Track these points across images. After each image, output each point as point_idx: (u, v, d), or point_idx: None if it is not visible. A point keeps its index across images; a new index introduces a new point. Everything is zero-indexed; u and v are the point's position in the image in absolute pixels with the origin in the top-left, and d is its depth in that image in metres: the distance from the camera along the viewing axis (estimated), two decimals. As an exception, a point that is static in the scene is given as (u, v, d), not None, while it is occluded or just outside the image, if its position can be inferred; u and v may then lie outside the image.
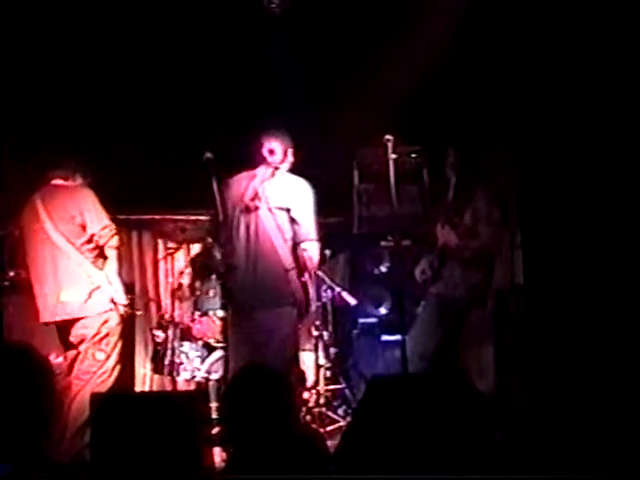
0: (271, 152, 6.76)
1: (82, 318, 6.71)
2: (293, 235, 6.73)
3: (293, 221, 6.71)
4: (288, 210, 6.71)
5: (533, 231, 7.85)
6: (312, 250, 6.78)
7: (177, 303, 8.17)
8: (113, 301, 6.76)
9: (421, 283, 7.00)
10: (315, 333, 8.27)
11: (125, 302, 6.85)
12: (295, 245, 6.75)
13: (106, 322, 6.74)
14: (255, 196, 6.70)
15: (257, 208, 6.69)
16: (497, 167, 8.22)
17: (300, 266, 6.77)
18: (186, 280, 8.21)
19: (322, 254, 8.59)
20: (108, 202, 6.90)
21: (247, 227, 6.61)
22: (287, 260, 6.68)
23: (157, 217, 9.11)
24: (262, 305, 6.58)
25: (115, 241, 6.81)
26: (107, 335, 6.74)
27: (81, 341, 6.73)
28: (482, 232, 6.92)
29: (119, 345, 6.82)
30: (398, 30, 7.99)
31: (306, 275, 6.86)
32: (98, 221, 6.75)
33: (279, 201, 6.72)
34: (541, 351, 7.20)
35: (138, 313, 7.51)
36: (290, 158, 6.84)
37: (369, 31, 7.96)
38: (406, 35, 8.07)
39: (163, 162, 8.48)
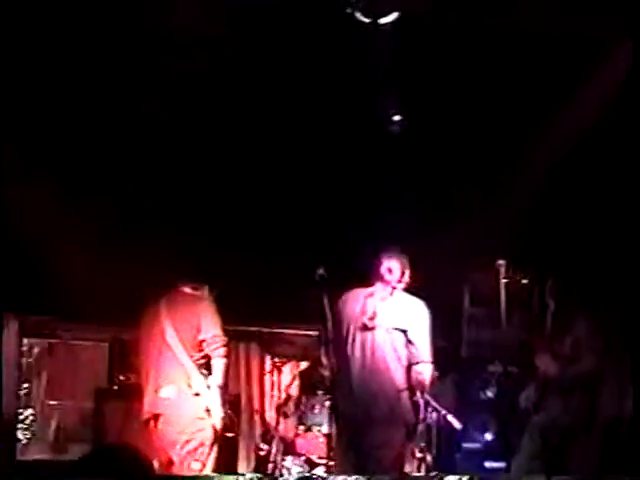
0: (390, 271, 6.85)
1: (177, 418, 6.77)
2: (408, 356, 6.76)
3: (409, 342, 6.76)
4: (405, 331, 6.77)
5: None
6: (425, 372, 6.81)
7: (282, 417, 8.17)
8: (208, 409, 6.81)
9: (524, 411, 6.88)
10: (419, 455, 8.17)
11: (222, 414, 6.88)
12: (409, 366, 6.77)
13: (200, 430, 6.79)
14: (374, 315, 6.76)
15: (374, 327, 6.75)
16: (600, 295, 8.15)
17: (412, 387, 6.78)
18: (293, 394, 8.23)
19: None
20: (222, 313, 7.03)
21: (363, 345, 6.65)
22: (400, 380, 6.73)
23: (265, 330, 9.19)
24: (373, 423, 6.57)
25: (222, 351, 6.90)
26: (201, 445, 6.78)
27: (173, 445, 6.76)
28: (583, 360, 6.78)
29: (214, 455, 6.84)
30: (513, 157, 8.03)
31: (418, 396, 6.85)
32: (212, 329, 6.88)
33: (396, 322, 6.78)
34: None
35: (229, 435, 7.46)
36: (407, 279, 6.91)
37: (480, 158, 8.02)
38: (521, 161, 8.12)
39: (276, 275, 8.58)
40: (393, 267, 6.86)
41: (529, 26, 7.04)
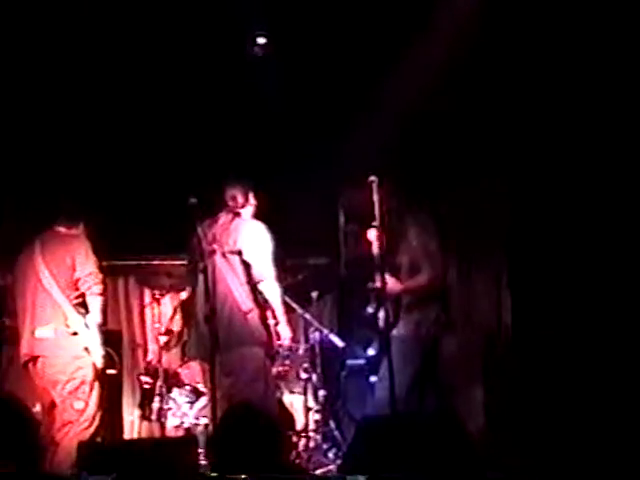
0: (233, 198, 6.98)
1: (55, 359, 6.70)
2: (247, 277, 6.82)
3: (245, 263, 6.83)
4: (239, 253, 6.83)
5: (521, 271, 7.88)
6: (269, 290, 6.88)
7: (165, 349, 8.12)
8: (87, 348, 6.75)
9: (384, 327, 6.84)
10: (304, 376, 8.23)
11: (102, 352, 6.82)
12: (253, 286, 6.82)
13: (80, 369, 6.74)
14: (213, 241, 6.80)
15: (214, 252, 6.76)
16: (485, 199, 8.26)
17: (260, 306, 6.83)
18: (175, 326, 8.18)
19: (309, 296, 8.64)
20: (97, 249, 6.94)
21: (205, 272, 6.59)
22: (245, 302, 6.76)
23: (143, 263, 9.11)
24: (226, 348, 6.60)
25: (98, 289, 6.82)
26: (82, 383, 6.73)
27: (54, 386, 6.71)
28: (423, 267, 6.77)
29: (96, 393, 6.78)
30: (379, 73, 8.03)
31: (269, 315, 6.92)
32: (86, 267, 6.78)
33: (231, 245, 6.85)
34: (531, 391, 7.19)
35: (110, 372, 7.38)
36: (252, 202, 7.03)
37: (351, 74, 8.00)
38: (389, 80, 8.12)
39: (148, 208, 8.49)
40: (236, 194, 6.97)
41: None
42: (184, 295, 8.48)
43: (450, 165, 8.15)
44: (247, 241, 6.88)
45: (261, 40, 7.90)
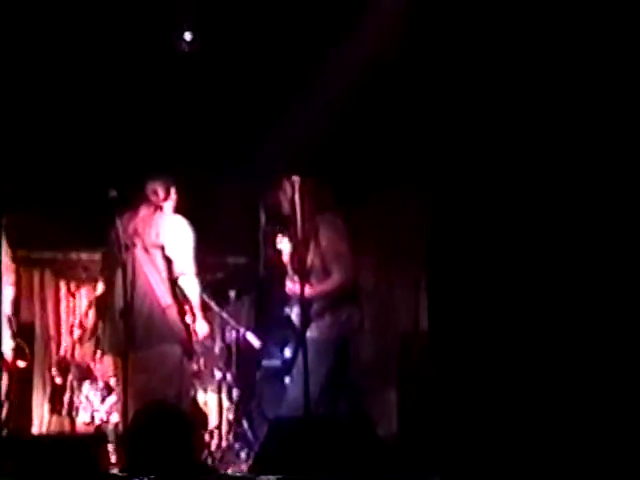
0: (154, 192, 6.88)
1: None
2: (168, 272, 6.75)
3: (167, 258, 6.77)
4: (162, 248, 6.77)
5: (439, 275, 7.92)
6: (189, 285, 6.81)
7: (78, 343, 8.03)
8: None
9: (299, 327, 6.83)
10: (218, 374, 8.19)
11: (12, 344, 6.71)
12: (173, 282, 6.76)
13: None
14: (134, 234, 6.73)
15: (134, 246, 6.70)
16: (401, 207, 8.31)
17: (179, 302, 6.77)
18: (90, 320, 8.08)
19: (226, 294, 8.59)
20: (12, 240, 6.82)
21: (125, 266, 6.52)
22: (164, 297, 6.69)
23: (59, 255, 8.99)
24: (143, 344, 6.53)
25: (9, 279, 6.71)
26: None
27: None
28: (334, 270, 6.74)
29: (3, 385, 6.66)
30: (304, 72, 8.03)
31: (187, 310, 6.85)
32: (-2, 258, 6.67)
33: (153, 239, 6.78)
34: (445, 396, 7.22)
35: (21, 365, 7.25)
36: (173, 197, 6.95)
37: (274, 73, 7.99)
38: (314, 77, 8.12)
39: (66, 199, 8.39)
40: (157, 188, 6.87)
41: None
42: (100, 289, 8.41)
43: (370, 169, 8.18)
44: (169, 236, 6.80)
45: (188, 36, 7.84)
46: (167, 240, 6.78)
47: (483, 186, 7.33)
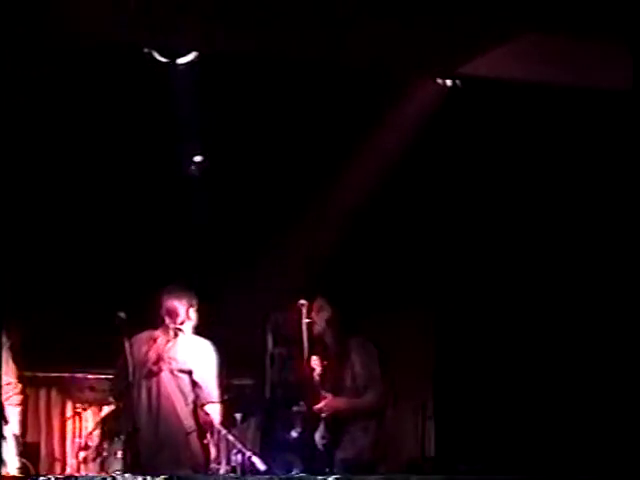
0: (171, 312, 6.78)
1: None
2: (195, 397, 6.74)
3: (195, 383, 6.75)
4: (190, 373, 6.74)
5: (446, 402, 7.92)
6: (214, 412, 6.81)
7: (82, 464, 7.97)
8: (1, 459, 6.59)
9: (322, 449, 6.83)
10: (222, 499, 8.10)
11: (17, 464, 6.67)
12: (197, 407, 6.75)
13: None
14: (158, 359, 6.71)
15: (160, 371, 6.69)
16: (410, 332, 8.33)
17: (202, 428, 6.75)
18: (95, 441, 8.05)
19: (232, 417, 8.55)
20: (18, 359, 6.83)
21: (149, 390, 6.53)
22: (188, 423, 6.69)
23: (66, 375, 8.98)
24: (162, 468, 6.47)
25: (17, 399, 6.71)
26: None
27: None
28: (369, 390, 6.74)
29: None
30: (313, 195, 8.14)
31: (209, 437, 6.83)
32: (6, 377, 6.66)
33: (181, 363, 6.74)
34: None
35: None
36: (193, 317, 6.87)
37: (283, 193, 8.09)
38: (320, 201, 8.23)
39: (74, 320, 8.42)
40: (173, 308, 6.79)
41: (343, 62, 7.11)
42: (106, 410, 8.40)
43: (378, 291, 8.22)
44: (197, 360, 6.79)
45: (197, 159, 7.96)
46: (195, 365, 6.77)
47: (487, 316, 7.39)
